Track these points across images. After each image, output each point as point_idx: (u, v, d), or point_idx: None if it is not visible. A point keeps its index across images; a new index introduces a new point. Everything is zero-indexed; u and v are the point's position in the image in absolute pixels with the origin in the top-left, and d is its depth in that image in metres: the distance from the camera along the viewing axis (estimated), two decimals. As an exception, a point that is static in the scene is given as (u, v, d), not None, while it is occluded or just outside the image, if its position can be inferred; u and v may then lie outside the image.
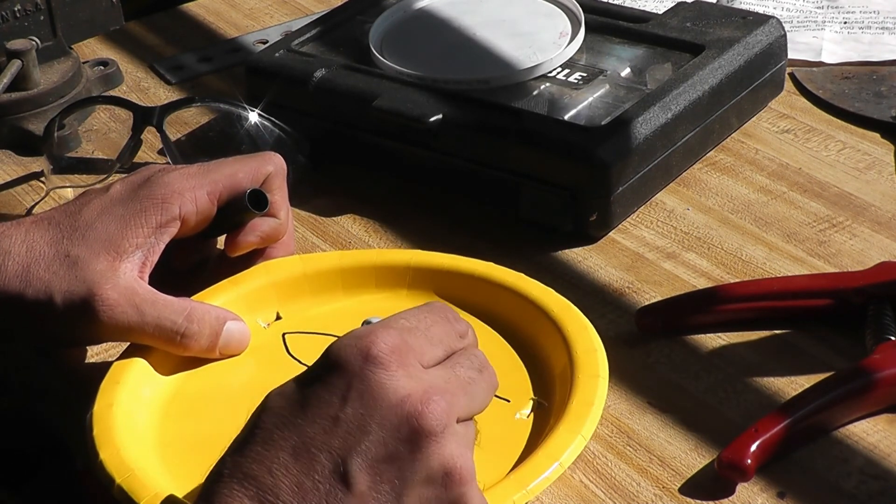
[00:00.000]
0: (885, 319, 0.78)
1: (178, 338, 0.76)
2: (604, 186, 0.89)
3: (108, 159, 1.02)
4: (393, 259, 0.83)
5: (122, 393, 0.74)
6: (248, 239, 0.83)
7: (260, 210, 0.81)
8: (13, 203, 1.00)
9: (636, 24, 1.02)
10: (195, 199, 0.79)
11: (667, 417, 0.75)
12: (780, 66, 1.02)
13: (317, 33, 1.05)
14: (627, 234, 0.91)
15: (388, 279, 0.83)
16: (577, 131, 0.91)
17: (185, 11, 1.26)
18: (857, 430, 0.73)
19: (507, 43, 1.01)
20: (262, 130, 0.99)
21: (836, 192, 0.93)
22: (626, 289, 0.86)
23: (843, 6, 1.16)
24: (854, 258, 0.87)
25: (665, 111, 0.92)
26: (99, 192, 0.80)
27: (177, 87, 1.14)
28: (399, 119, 0.93)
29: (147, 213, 0.78)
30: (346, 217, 0.95)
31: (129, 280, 0.76)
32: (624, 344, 0.80)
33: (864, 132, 1.00)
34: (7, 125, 1.06)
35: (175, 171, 0.80)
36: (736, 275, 0.86)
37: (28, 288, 0.76)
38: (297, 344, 0.79)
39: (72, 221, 0.78)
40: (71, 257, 0.76)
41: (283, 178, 0.84)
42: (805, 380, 0.77)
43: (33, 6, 1.11)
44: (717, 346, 0.80)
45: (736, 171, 0.96)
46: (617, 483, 0.71)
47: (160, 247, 0.78)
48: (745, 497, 0.70)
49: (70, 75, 1.09)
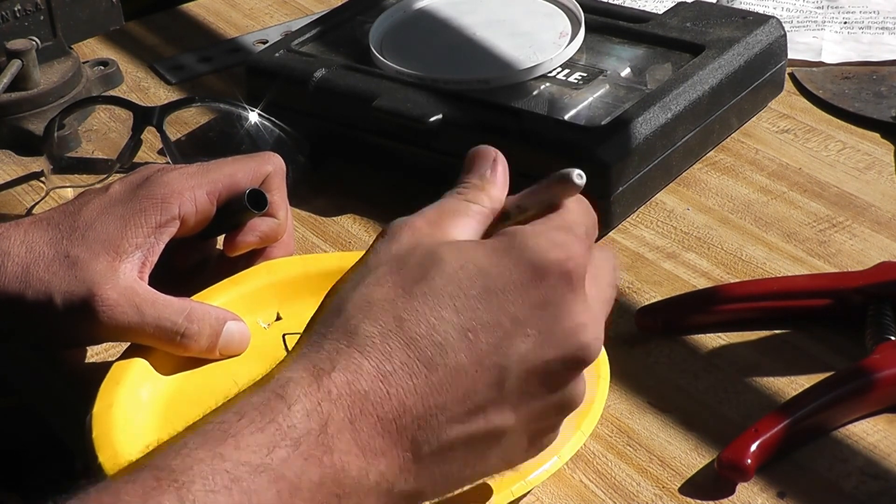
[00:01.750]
0: (885, 319, 0.78)
1: (177, 338, 0.76)
2: (604, 186, 0.88)
3: (108, 159, 1.02)
4: None
5: (122, 394, 0.73)
6: (247, 239, 0.83)
7: (259, 210, 0.81)
8: (13, 203, 1.00)
9: (636, 24, 1.02)
10: (194, 198, 0.79)
11: (667, 417, 0.75)
12: (780, 66, 1.02)
13: (317, 33, 1.05)
14: (627, 234, 0.91)
15: None
16: (577, 131, 0.91)
17: (185, 11, 1.26)
18: (857, 430, 0.73)
19: (507, 43, 1.01)
20: (262, 130, 0.99)
21: (836, 192, 0.93)
22: (626, 289, 0.86)
23: (843, 6, 1.16)
24: (854, 258, 0.86)
25: (665, 111, 0.92)
26: (98, 193, 0.80)
27: (177, 87, 1.14)
28: (399, 119, 0.93)
29: (146, 212, 0.78)
30: (346, 217, 0.95)
31: (128, 280, 0.76)
32: (624, 344, 0.80)
33: (864, 132, 1.00)
34: (7, 125, 1.06)
35: (174, 170, 0.80)
36: (736, 275, 0.86)
37: (28, 289, 0.76)
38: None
39: (71, 222, 0.78)
40: (70, 257, 0.76)
41: (283, 177, 0.84)
42: (805, 380, 0.77)
43: (33, 6, 1.11)
44: (717, 346, 0.80)
45: (736, 171, 0.96)
46: (617, 483, 0.71)
47: (160, 247, 0.78)
48: (745, 497, 0.70)
49: (70, 75, 1.09)
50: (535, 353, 0.59)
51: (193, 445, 0.54)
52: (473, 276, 0.59)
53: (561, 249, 0.59)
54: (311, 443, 0.54)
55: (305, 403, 0.55)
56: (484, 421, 0.58)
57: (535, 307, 0.59)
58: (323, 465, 0.54)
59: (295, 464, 0.54)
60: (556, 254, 0.59)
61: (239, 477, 0.52)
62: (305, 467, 0.54)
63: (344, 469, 0.55)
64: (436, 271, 0.59)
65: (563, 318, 0.59)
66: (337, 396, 0.55)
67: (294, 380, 0.56)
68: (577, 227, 0.62)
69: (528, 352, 0.59)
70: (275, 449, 0.54)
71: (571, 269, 0.59)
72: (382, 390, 0.56)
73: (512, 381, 0.58)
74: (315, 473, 0.54)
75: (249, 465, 0.53)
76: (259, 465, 0.53)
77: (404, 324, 0.57)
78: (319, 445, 0.54)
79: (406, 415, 0.56)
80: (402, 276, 0.59)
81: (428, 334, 0.57)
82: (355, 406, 0.56)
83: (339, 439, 0.55)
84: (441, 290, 0.58)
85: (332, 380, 0.56)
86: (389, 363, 0.56)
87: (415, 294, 0.58)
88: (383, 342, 0.57)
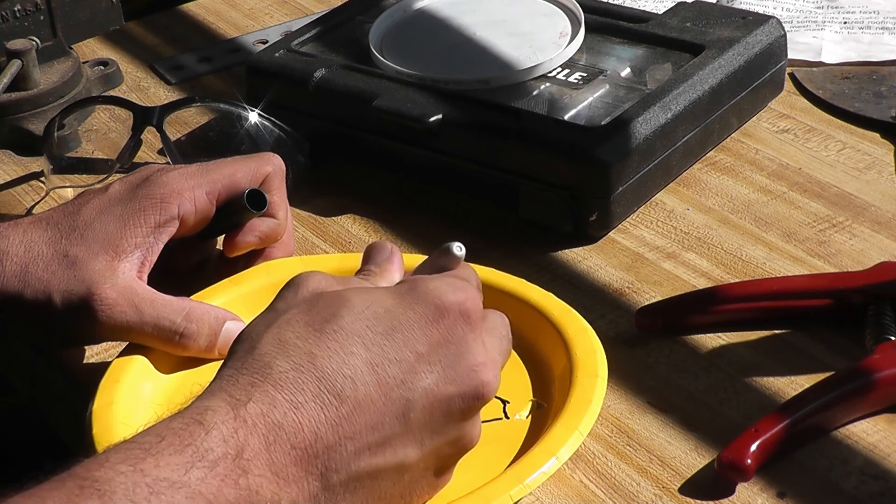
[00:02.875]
0: (885, 319, 0.78)
1: (176, 337, 0.76)
2: (604, 186, 0.88)
3: (108, 159, 1.02)
4: None
5: (122, 391, 0.73)
6: (246, 239, 0.83)
7: (258, 210, 0.81)
8: (13, 203, 1.00)
9: (636, 24, 1.02)
10: (194, 198, 0.79)
11: (667, 417, 0.75)
12: (780, 66, 1.02)
13: (317, 33, 1.05)
14: (627, 234, 0.91)
15: None
16: (577, 131, 0.91)
17: (185, 11, 1.26)
18: (857, 430, 0.73)
19: (507, 43, 1.01)
20: (262, 130, 0.99)
21: (836, 192, 0.93)
22: (626, 289, 0.86)
23: (843, 6, 1.16)
24: (854, 258, 0.86)
25: (665, 111, 0.92)
26: (97, 192, 0.80)
27: (177, 87, 1.14)
28: (399, 119, 0.93)
29: (146, 212, 0.78)
30: (346, 217, 0.95)
31: (127, 279, 0.76)
32: (624, 344, 0.80)
33: (864, 132, 1.00)
34: (7, 125, 1.06)
35: (174, 170, 0.80)
36: (736, 275, 0.86)
37: (27, 288, 0.76)
38: None
39: (70, 221, 0.78)
40: (69, 257, 0.76)
41: (282, 178, 0.84)
42: (805, 380, 0.77)
43: (33, 6, 1.11)
44: (717, 346, 0.80)
45: (736, 171, 0.96)
46: (617, 483, 0.71)
47: (159, 246, 0.78)
48: (745, 497, 0.70)
49: (70, 75, 1.09)
50: (438, 387, 0.62)
51: (116, 460, 0.55)
52: (380, 316, 0.63)
53: (460, 291, 0.64)
54: (227, 465, 0.56)
55: (223, 430, 0.57)
56: (391, 453, 0.61)
57: (437, 344, 0.63)
58: (238, 487, 0.56)
59: (211, 483, 0.56)
60: (455, 295, 0.64)
61: (158, 491, 0.54)
62: (221, 487, 0.56)
63: (258, 492, 0.57)
64: (345, 311, 0.62)
65: (464, 356, 0.63)
66: (252, 425, 0.58)
67: (212, 408, 0.58)
68: (470, 279, 0.68)
69: (431, 385, 0.62)
70: (192, 468, 0.56)
71: (470, 309, 0.64)
72: (296, 421, 0.59)
73: (417, 414, 0.62)
74: (231, 493, 0.56)
75: (168, 480, 0.55)
76: (177, 481, 0.55)
77: (316, 359, 0.60)
78: (236, 468, 0.57)
79: (318, 443, 0.59)
80: (312, 316, 0.62)
81: (339, 368, 0.60)
82: (270, 434, 0.58)
83: (255, 464, 0.57)
84: (350, 328, 0.62)
85: (247, 410, 0.58)
86: (302, 395, 0.59)
87: (325, 332, 0.61)
88: (296, 376, 0.60)
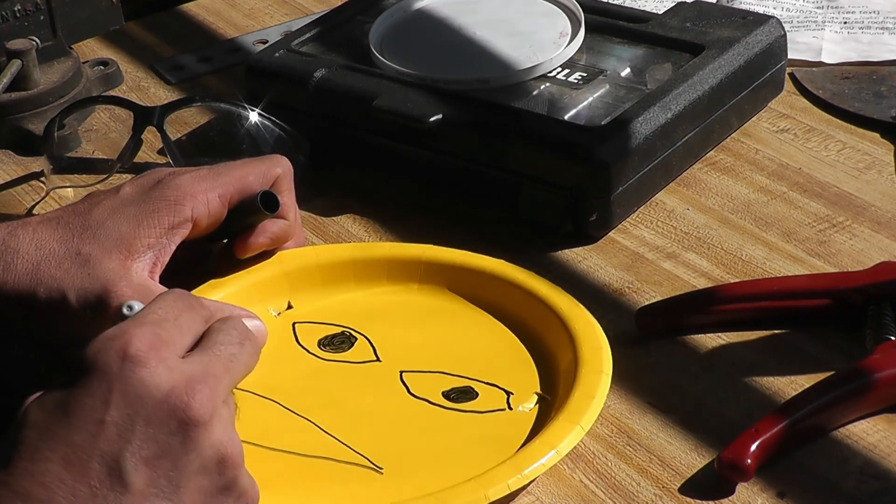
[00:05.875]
0: (885, 319, 0.78)
1: None
2: (604, 186, 0.89)
3: (108, 159, 1.02)
4: (405, 253, 0.84)
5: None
6: (258, 240, 0.83)
7: (271, 212, 0.82)
8: (13, 203, 1.00)
9: (636, 24, 1.02)
10: (207, 201, 0.80)
11: (667, 417, 0.75)
12: (780, 66, 1.02)
13: (317, 33, 1.05)
14: (627, 234, 0.91)
15: (400, 272, 0.83)
16: (577, 131, 0.91)
17: (185, 11, 1.26)
18: (857, 430, 0.73)
19: (507, 43, 1.01)
20: (262, 130, 0.99)
21: (835, 191, 0.93)
22: (626, 289, 0.86)
23: (843, 6, 1.16)
24: (854, 258, 0.87)
25: (665, 111, 0.92)
26: (108, 193, 0.80)
27: (177, 87, 1.14)
28: (399, 119, 0.93)
29: (160, 213, 0.78)
30: (346, 217, 0.95)
31: (142, 279, 0.76)
32: (624, 344, 0.80)
33: (864, 132, 1.00)
34: (7, 125, 1.06)
35: (186, 173, 0.80)
36: (736, 275, 0.86)
37: (39, 286, 0.75)
38: (308, 333, 0.80)
39: (82, 220, 0.78)
40: (82, 255, 0.76)
41: (291, 180, 0.84)
42: (805, 380, 0.77)
43: (33, 6, 1.11)
44: (716, 346, 0.80)
45: (736, 171, 0.96)
46: (617, 483, 0.71)
47: (171, 248, 0.78)
48: (745, 497, 0.70)
49: (70, 75, 1.09)
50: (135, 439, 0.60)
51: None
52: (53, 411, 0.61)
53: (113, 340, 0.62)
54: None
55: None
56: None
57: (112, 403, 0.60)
58: None
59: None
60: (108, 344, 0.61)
61: None
62: None
63: None
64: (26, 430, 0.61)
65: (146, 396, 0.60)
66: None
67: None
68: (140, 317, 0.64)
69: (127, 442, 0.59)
70: None
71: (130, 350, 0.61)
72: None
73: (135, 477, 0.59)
74: None
75: None
76: None
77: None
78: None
79: None
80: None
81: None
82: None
83: None
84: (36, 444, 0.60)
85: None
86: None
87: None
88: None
